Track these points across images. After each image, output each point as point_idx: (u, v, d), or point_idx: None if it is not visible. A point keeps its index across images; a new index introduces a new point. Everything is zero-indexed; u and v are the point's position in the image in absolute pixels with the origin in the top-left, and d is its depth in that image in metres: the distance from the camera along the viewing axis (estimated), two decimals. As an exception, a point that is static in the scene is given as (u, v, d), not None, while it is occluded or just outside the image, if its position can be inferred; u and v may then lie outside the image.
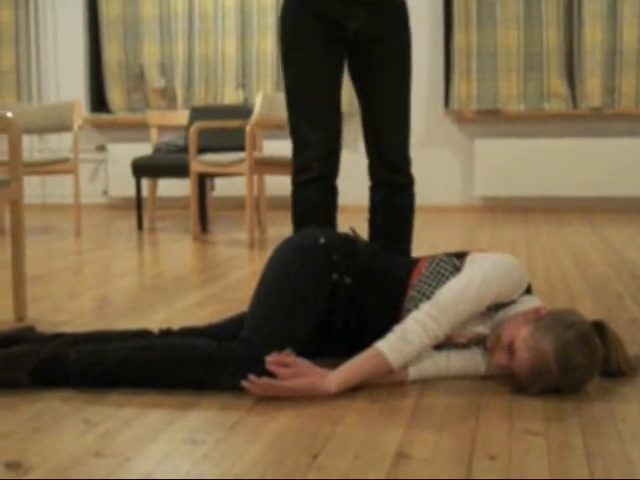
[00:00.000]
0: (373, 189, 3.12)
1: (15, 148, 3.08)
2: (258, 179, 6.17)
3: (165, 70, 7.92)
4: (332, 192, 3.02)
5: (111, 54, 7.96)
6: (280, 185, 7.47)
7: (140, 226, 6.26)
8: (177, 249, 5.19)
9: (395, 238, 3.09)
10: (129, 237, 5.82)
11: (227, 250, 5.12)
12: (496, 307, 2.30)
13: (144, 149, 7.63)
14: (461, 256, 2.41)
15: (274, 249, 2.44)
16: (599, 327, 2.22)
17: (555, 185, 7.23)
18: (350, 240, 2.49)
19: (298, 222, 3.01)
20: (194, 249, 5.19)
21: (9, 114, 3.11)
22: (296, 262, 2.35)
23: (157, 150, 6.53)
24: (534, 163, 7.23)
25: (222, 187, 7.65)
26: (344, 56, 3.02)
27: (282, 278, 2.34)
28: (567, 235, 5.61)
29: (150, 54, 7.90)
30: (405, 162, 3.06)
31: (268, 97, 5.74)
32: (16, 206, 3.12)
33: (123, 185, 7.87)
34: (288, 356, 2.16)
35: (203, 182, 6.10)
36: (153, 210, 6.50)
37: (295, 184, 3.02)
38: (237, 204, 7.77)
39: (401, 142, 3.01)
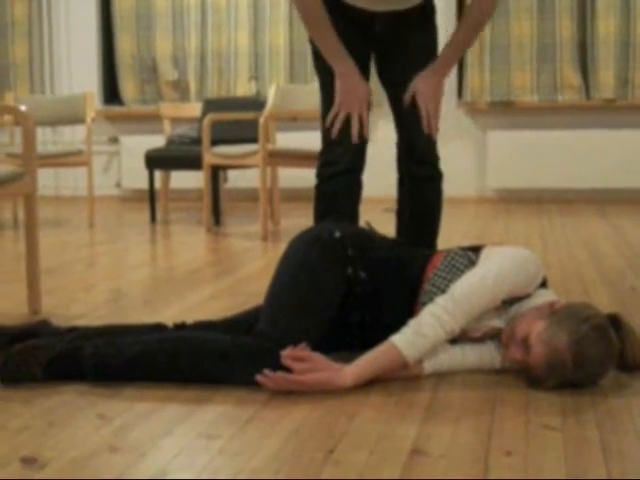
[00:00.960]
0: (401, 182, 3.11)
1: (29, 141, 3.08)
2: (271, 171, 6.16)
3: (178, 63, 7.92)
4: (357, 186, 3.01)
5: (124, 46, 7.97)
6: (293, 177, 7.47)
7: (153, 218, 6.27)
8: (190, 241, 5.19)
9: (421, 231, 3.08)
10: (142, 229, 5.83)
11: (240, 242, 5.12)
12: (511, 301, 2.29)
13: (157, 141, 7.63)
14: (476, 250, 2.40)
15: (289, 242, 2.44)
16: (614, 320, 2.21)
17: (569, 177, 7.20)
18: (365, 234, 2.48)
19: (321, 215, 3.00)
20: (207, 241, 5.19)
21: (23, 107, 3.11)
22: (311, 255, 2.34)
23: (170, 142, 6.54)
24: (547, 155, 7.20)
25: (235, 179, 7.65)
26: (371, 51, 3.02)
27: (297, 271, 2.33)
28: (581, 227, 5.59)
29: (163, 47, 7.90)
30: (432, 155, 3.04)
31: (281, 89, 5.73)
32: (30, 199, 3.13)
33: (136, 177, 7.88)
34: (303, 350, 2.16)
35: (216, 174, 6.10)
36: (166, 202, 6.51)
37: (321, 177, 3.02)
38: (250, 196, 7.77)
39: (427, 134, 2.99)
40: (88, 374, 2.24)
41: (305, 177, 7.43)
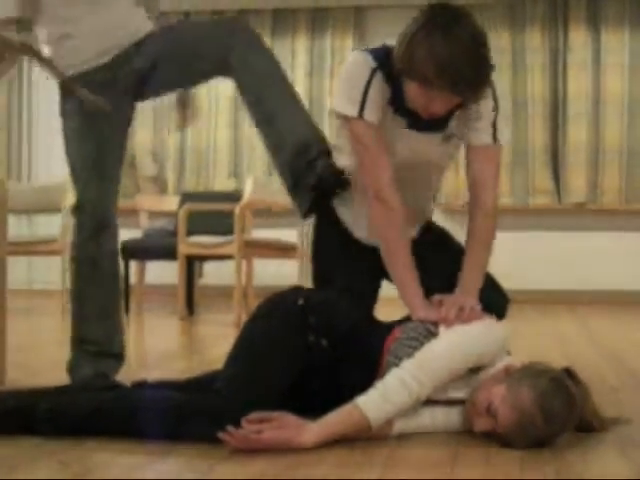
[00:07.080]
0: None
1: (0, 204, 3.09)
2: (247, 266, 6.13)
3: (157, 158, 8.01)
4: None
5: (104, 141, 8.05)
6: (268, 274, 7.48)
7: (127, 308, 6.24)
8: (162, 328, 5.18)
9: None
10: (115, 318, 5.79)
11: (213, 328, 5.12)
12: (477, 369, 2.28)
13: (134, 235, 7.63)
14: (435, 323, 2.40)
15: (257, 305, 2.46)
16: (568, 372, 2.23)
17: (541, 278, 7.29)
18: (330, 302, 2.49)
19: None
20: (180, 327, 5.19)
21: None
22: (272, 320, 2.36)
23: (147, 235, 6.56)
24: (520, 256, 7.29)
25: (211, 274, 7.64)
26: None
27: (256, 335, 2.35)
28: (552, 325, 5.63)
29: (142, 142, 7.99)
30: None
31: (258, 181, 5.81)
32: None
33: (111, 271, 7.85)
34: (259, 414, 2.13)
35: (191, 267, 6.11)
36: (141, 294, 6.48)
37: None
38: (225, 292, 7.75)
39: None
40: (44, 428, 2.21)
41: (281, 274, 7.45)
